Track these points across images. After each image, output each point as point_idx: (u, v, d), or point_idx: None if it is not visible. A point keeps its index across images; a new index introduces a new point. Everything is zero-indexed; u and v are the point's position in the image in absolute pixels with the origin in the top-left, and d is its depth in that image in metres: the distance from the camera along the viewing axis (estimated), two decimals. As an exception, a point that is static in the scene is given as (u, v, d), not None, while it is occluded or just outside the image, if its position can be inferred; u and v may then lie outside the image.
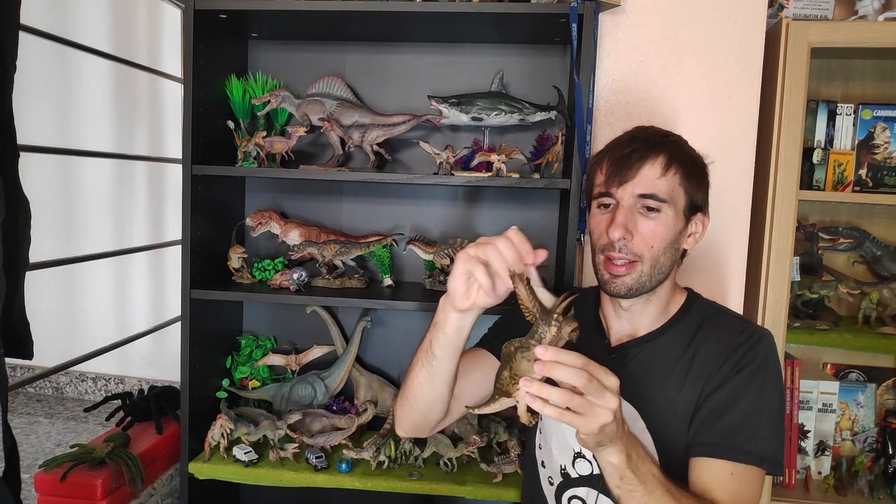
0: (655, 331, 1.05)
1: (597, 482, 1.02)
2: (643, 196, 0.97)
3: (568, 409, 0.74)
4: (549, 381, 0.76)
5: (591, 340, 1.08)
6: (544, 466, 1.12)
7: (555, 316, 0.78)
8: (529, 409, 0.78)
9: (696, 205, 1.02)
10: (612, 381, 0.77)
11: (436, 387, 0.98)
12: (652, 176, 0.98)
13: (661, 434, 0.98)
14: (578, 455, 1.04)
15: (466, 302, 0.86)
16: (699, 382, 0.98)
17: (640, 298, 1.02)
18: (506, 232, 0.84)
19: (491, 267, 0.82)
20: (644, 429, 0.99)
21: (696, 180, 1.01)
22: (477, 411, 0.86)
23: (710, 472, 0.93)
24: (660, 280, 1.01)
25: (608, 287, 1.01)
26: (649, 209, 0.97)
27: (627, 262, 0.98)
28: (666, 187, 0.98)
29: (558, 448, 1.08)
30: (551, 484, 1.10)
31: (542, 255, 0.83)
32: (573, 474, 1.06)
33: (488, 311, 0.91)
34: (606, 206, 1.01)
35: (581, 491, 1.05)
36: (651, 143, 1.00)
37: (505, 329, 1.19)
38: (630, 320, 1.06)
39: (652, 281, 0.99)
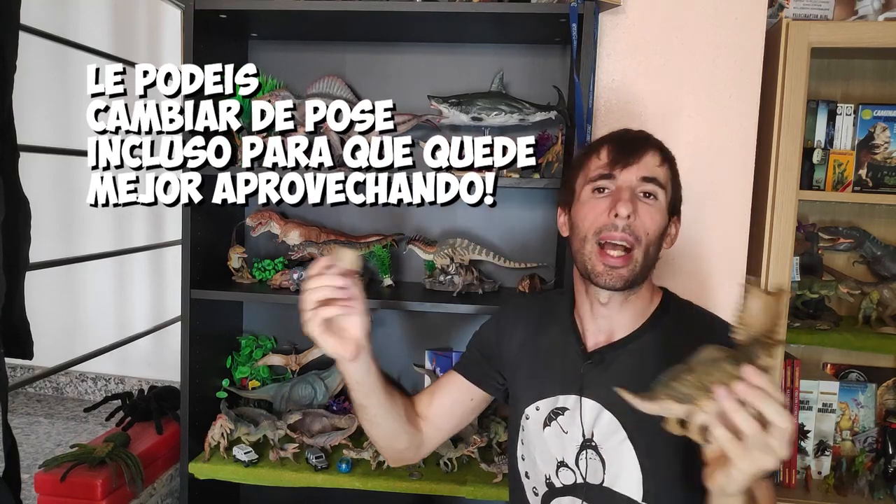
0: (632, 334, 1.03)
1: (581, 491, 1.02)
2: (645, 179, 0.99)
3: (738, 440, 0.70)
4: None
5: (566, 345, 1.08)
6: (528, 477, 1.11)
7: (771, 342, 0.72)
8: (682, 422, 0.74)
9: (676, 205, 1.05)
10: (788, 426, 0.69)
11: (382, 426, 1.08)
12: (653, 163, 1.00)
13: (643, 442, 0.96)
14: (561, 464, 1.04)
15: (350, 348, 0.93)
16: None
17: (620, 294, 1.01)
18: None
19: (328, 302, 0.90)
20: (626, 438, 0.97)
21: (677, 181, 1.05)
22: (628, 397, 0.77)
23: None
24: (645, 276, 1.00)
25: (602, 279, 0.98)
26: (646, 195, 0.99)
27: (624, 253, 0.96)
28: (664, 175, 1.01)
29: (541, 458, 1.07)
30: (536, 494, 1.09)
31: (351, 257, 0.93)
32: (557, 484, 1.05)
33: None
34: (602, 190, 1.01)
35: (565, 500, 1.04)
36: (644, 137, 1.05)
37: (480, 347, 1.20)
38: (608, 320, 1.04)
39: (642, 273, 0.99)
